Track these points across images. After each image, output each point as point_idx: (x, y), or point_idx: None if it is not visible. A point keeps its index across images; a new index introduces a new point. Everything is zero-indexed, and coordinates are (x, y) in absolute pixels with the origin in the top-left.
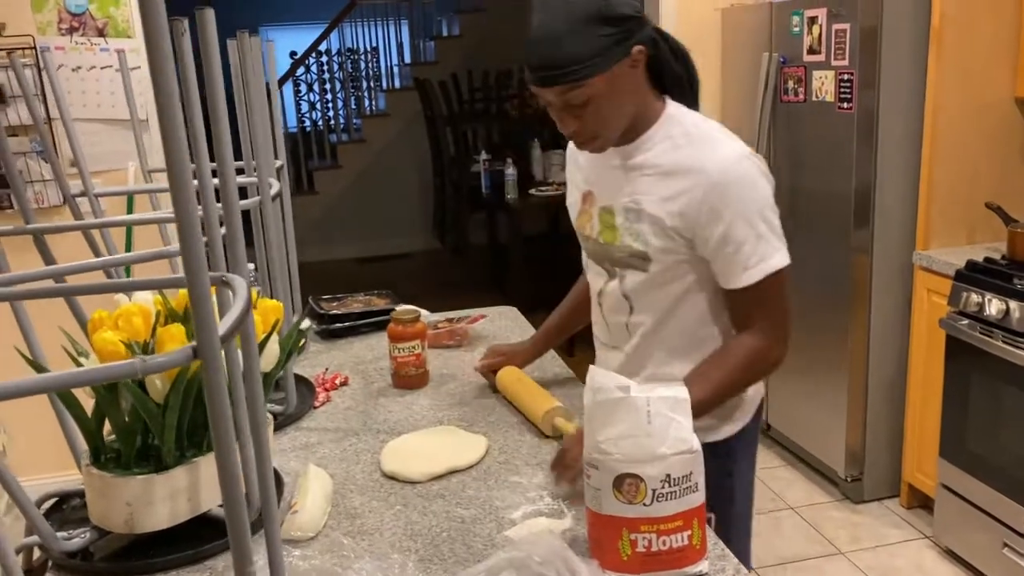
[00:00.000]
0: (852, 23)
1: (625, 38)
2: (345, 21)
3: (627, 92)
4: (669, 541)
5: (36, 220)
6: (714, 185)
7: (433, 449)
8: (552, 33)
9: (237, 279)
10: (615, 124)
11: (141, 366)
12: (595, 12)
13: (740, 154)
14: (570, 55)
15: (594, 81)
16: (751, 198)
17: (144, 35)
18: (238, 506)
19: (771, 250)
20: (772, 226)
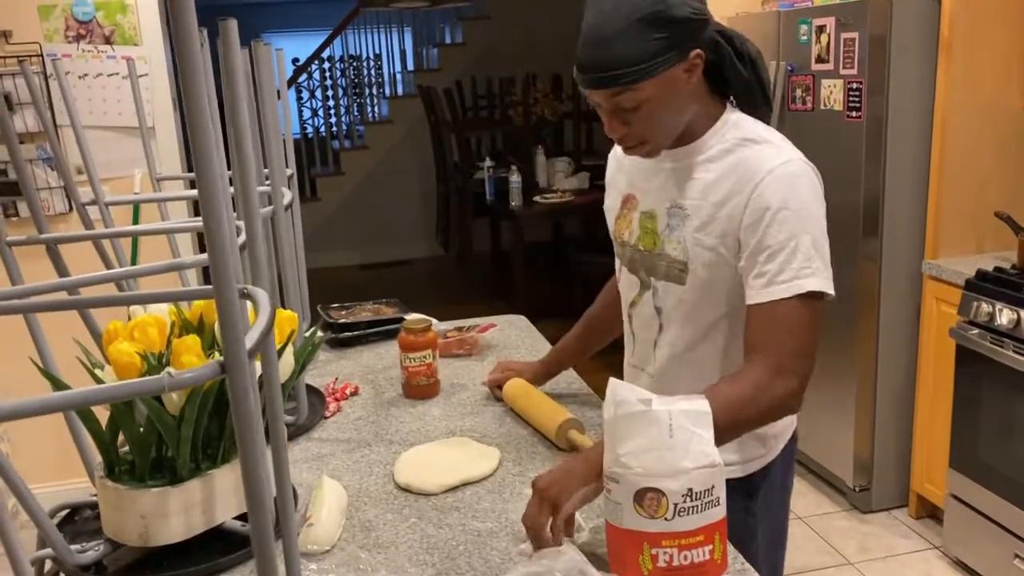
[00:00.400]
0: (861, 32)
1: (682, 41)
2: (348, 28)
3: (681, 97)
4: (691, 556)
5: (49, 229)
6: (764, 184)
7: (447, 461)
8: (603, 33)
9: (259, 292)
10: (666, 130)
11: (169, 381)
12: (650, 13)
13: (798, 159)
14: (621, 57)
15: (645, 85)
16: (801, 207)
17: (176, 44)
18: (264, 521)
19: (809, 271)
20: (818, 245)
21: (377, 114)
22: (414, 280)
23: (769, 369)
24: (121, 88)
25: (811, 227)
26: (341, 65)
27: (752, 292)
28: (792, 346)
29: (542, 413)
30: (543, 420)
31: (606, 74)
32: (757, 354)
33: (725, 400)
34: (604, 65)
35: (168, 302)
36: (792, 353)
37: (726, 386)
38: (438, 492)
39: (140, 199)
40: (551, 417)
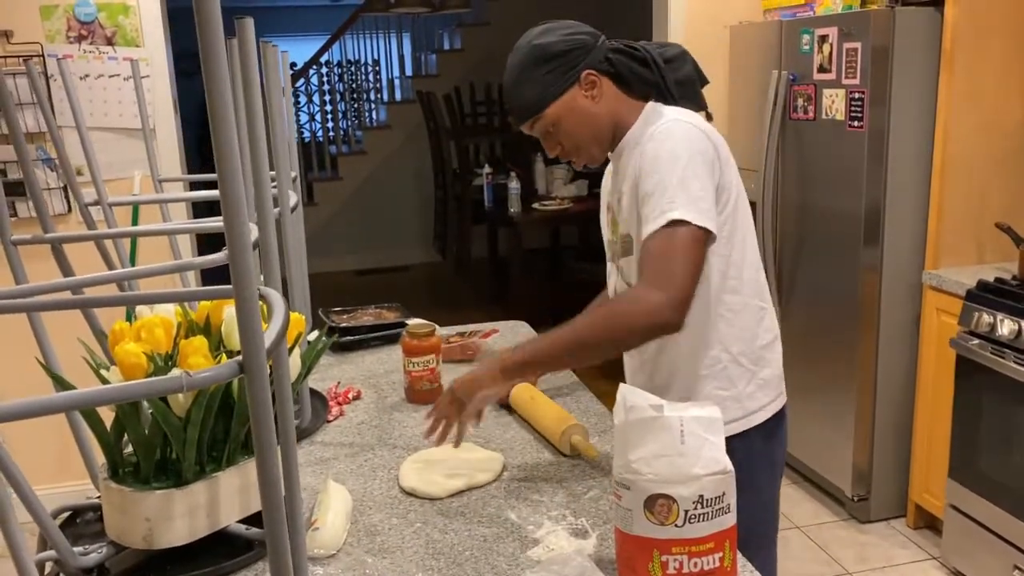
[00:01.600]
0: (863, 42)
1: (569, 68)
2: (347, 33)
3: (590, 110)
4: (700, 563)
5: (53, 229)
6: (644, 147)
7: (451, 465)
8: (509, 82)
9: (273, 293)
10: (588, 139)
11: (188, 381)
12: (534, 58)
13: (672, 118)
14: (522, 96)
15: (547, 112)
16: (668, 155)
17: (200, 47)
18: (279, 522)
19: (674, 204)
20: (684, 183)
21: (375, 119)
22: (412, 286)
23: (640, 288)
24: (122, 89)
25: (677, 169)
26: (339, 70)
27: (643, 232)
28: (660, 267)
29: (547, 417)
30: (549, 425)
31: (515, 113)
32: (641, 276)
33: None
34: (513, 106)
35: (181, 302)
36: (659, 272)
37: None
38: (443, 496)
39: (145, 200)
40: (556, 422)
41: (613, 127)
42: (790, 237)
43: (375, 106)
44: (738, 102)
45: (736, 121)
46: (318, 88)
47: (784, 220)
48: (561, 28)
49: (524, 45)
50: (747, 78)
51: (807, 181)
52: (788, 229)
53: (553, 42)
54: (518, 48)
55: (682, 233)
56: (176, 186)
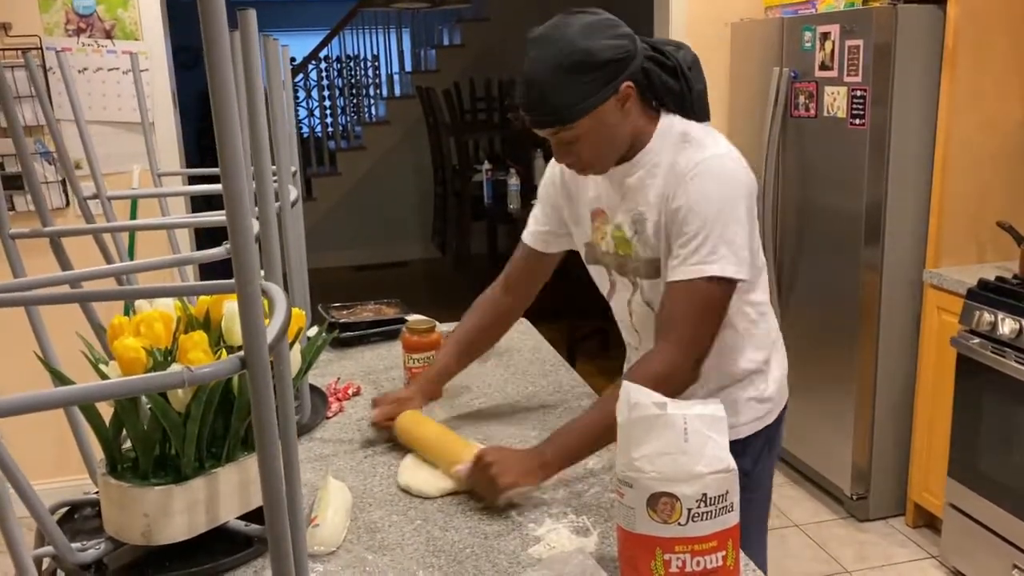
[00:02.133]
0: (866, 39)
1: (610, 79)
2: (346, 28)
3: (617, 124)
4: (703, 562)
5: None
6: (685, 182)
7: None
8: (539, 80)
9: (274, 288)
10: (608, 154)
11: (189, 376)
12: (578, 61)
13: (716, 153)
14: (555, 102)
15: (581, 122)
16: (715, 193)
17: (204, 37)
18: (281, 522)
19: (716, 257)
20: (727, 232)
21: (375, 115)
22: (410, 282)
23: (667, 361)
24: (120, 83)
25: (723, 217)
26: (338, 65)
27: (668, 271)
28: (688, 327)
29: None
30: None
31: (544, 116)
32: (661, 336)
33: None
34: (541, 109)
35: (181, 296)
36: (691, 340)
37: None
38: (436, 496)
39: (144, 193)
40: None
41: (631, 140)
42: (791, 235)
43: (374, 102)
44: (739, 100)
45: (737, 119)
46: (317, 83)
47: (785, 218)
48: (605, 28)
49: (562, 42)
50: (748, 75)
51: (808, 179)
52: (789, 227)
53: (600, 48)
54: (553, 42)
55: (717, 290)
56: (175, 181)
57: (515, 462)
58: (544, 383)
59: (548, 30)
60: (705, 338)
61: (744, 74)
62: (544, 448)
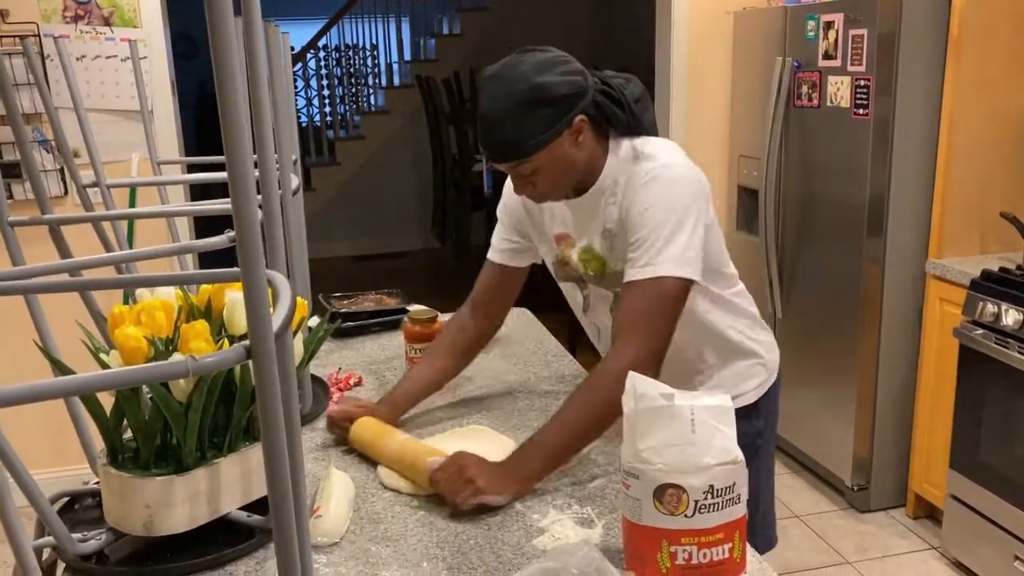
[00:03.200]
0: (870, 28)
1: (564, 113)
2: (345, 17)
3: (572, 155)
4: (710, 554)
5: (51, 211)
6: (637, 191)
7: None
8: (494, 118)
9: (279, 277)
10: (564, 183)
11: (193, 365)
12: (531, 98)
13: (666, 163)
14: (511, 138)
15: (537, 156)
16: (663, 199)
17: (209, 23)
18: (286, 512)
19: (663, 258)
20: (676, 235)
21: (374, 104)
22: (410, 272)
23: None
24: (119, 71)
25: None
26: (337, 54)
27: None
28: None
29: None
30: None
31: (501, 151)
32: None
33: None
34: (498, 144)
35: (182, 285)
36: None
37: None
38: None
39: (144, 182)
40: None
41: (584, 171)
42: (793, 225)
43: (373, 91)
44: (741, 89)
45: (739, 108)
46: (316, 72)
47: (787, 208)
48: (557, 64)
49: (517, 79)
50: (751, 65)
51: (811, 169)
52: (791, 217)
53: (553, 84)
54: (507, 80)
55: (667, 287)
56: (174, 169)
57: (490, 470)
58: (547, 373)
59: (502, 68)
60: (661, 335)
61: (746, 64)
62: (518, 461)
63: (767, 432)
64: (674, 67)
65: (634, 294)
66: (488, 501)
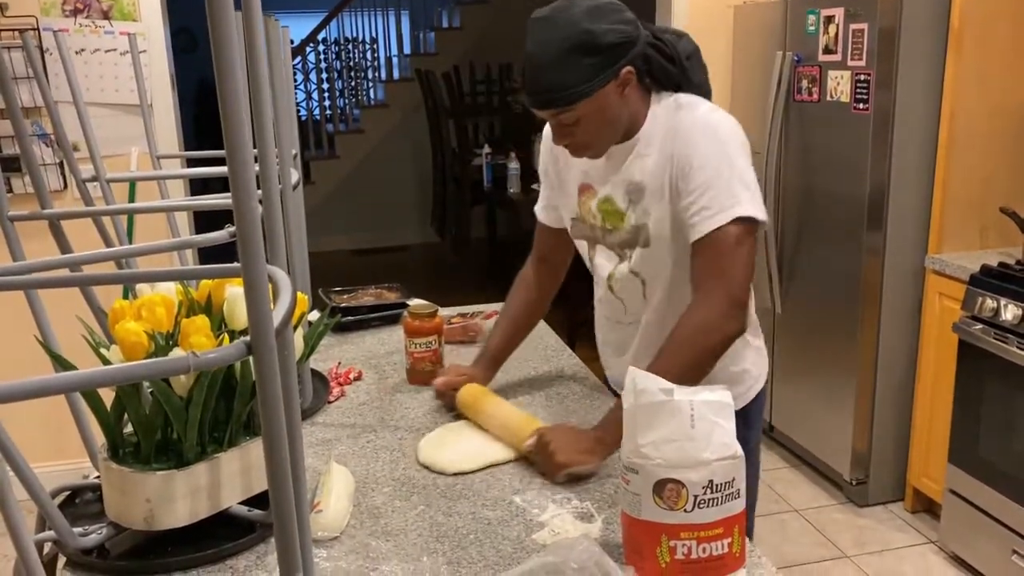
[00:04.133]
0: (870, 23)
1: (611, 63)
2: (344, 10)
3: (616, 108)
4: (709, 549)
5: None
6: (683, 139)
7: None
8: (540, 62)
9: (279, 272)
10: (607, 137)
11: (194, 361)
12: (579, 44)
13: (708, 108)
14: (556, 83)
15: (580, 105)
16: (716, 145)
17: (209, 18)
18: (287, 507)
19: (734, 200)
20: (742, 176)
21: (373, 98)
22: (409, 266)
23: (708, 311)
24: (118, 65)
25: (737, 162)
26: (337, 48)
27: (692, 230)
28: (729, 276)
29: (511, 422)
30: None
31: (544, 97)
32: (699, 289)
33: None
34: (542, 89)
35: (183, 280)
36: (730, 287)
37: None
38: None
39: (144, 176)
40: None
41: (628, 124)
42: (792, 220)
43: (373, 85)
44: (742, 83)
45: (739, 102)
46: (315, 66)
47: (787, 203)
48: (609, 12)
49: (567, 24)
50: (751, 59)
51: (810, 163)
52: (791, 212)
53: (605, 31)
54: (556, 24)
55: (745, 232)
56: (174, 163)
57: (572, 440)
58: (546, 368)
59: (553, 11)
60: (741, 281)
61: (747, 58)
62: (601, 426)
63: (755, 443)
64: None
65: (708, 245)
66: (575, 472)
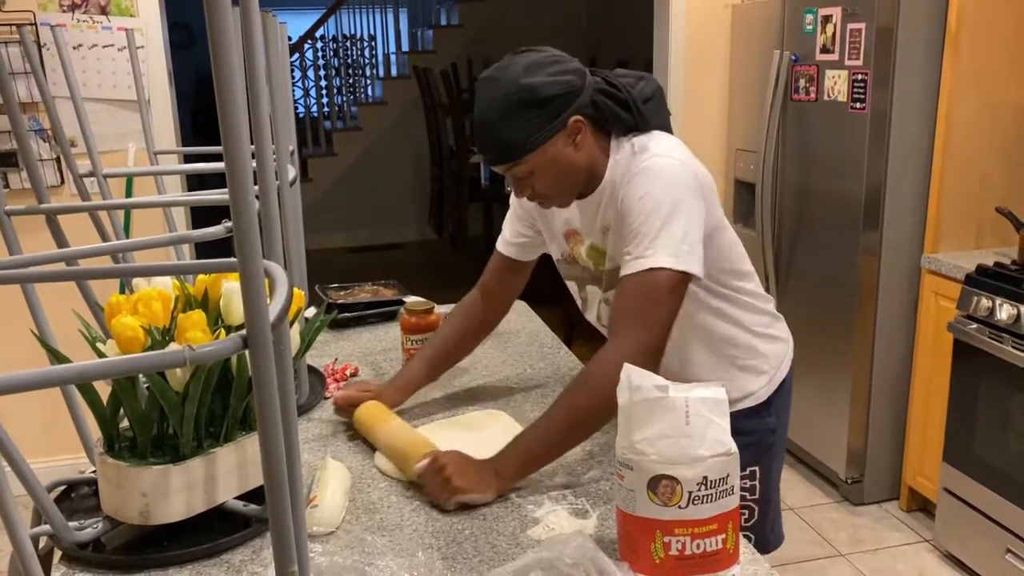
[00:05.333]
0: (868, 23)
1: (556, 114)
2: (343, 7)
3: (570, 157)
4: (703, 545)
5: (48, 201)
6: (628, 185)
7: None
8: (486, 120)
9: (275, 267)
10: (565, 186)
11: (190, 355)
12: (521, 100)
13: (656, 153)
14: (503, 140)
15: (531, 158)
16: (653, 191)
17: (207, 15)
18: (282, 502)
19: (654, 250)
20: (668, 227)
21: (371, 95)
22: (406, 263)
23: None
24: (116, 60)
25: (662, 211)
26: (335, 45)
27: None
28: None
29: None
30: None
31: (494, 154)
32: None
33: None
34: (491, 147)
35: (180, 275)
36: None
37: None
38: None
39: (141, 172)
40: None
41: (588, 172)
42: (789, 219)
43: (371, 82)
44: (739, 82)
45: (737, 101)
46: (313, 63)
47: (784, 202)
48: (549, 65)
49: (507, 81)
50: (748, 58)
51: (807, 163)
52: (788, 211)
53: (544, 83)
54: (498, 82)
55: (660, 280)
56: (171, 159)
57: (471, 469)
58: (542, 365)
59: (495, 70)
60: (654, 328)
61: (744, 57)
62: (502, 458)
63: (782, 429)
64: (672, 59)
65: (625, 287)
66: (468, 500)
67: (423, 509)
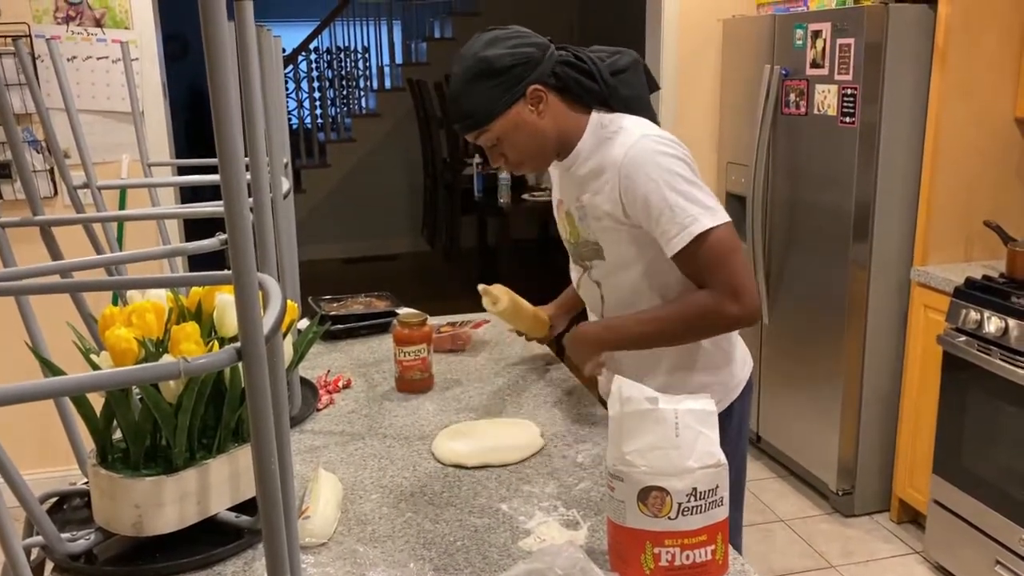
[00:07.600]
0: (857, 38)
1: (513, 84)
2: (337, 19)
3: (534, 124)
4: (693, 556)
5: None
6: (620, 169)
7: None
8: (452, 93)
9: (269, 279)
10: (534, 151)
11: (185, 367)
12: (478, 71)
13: (639, 135)
14: (465, 109)
15: (492, 126)
16: (654, 173)
17: (203, 25)
18: (275, 513)
19: (689, 218)
20: (685, 194)
21: (364, 107)
22: (399, 275)
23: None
24: (110, 72)
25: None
26: (328, 57)
27: (665, 250)
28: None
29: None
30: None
31: (460, 123)
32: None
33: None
34: (457, 117)
35: (174, 287)
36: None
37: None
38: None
39: (135, 183)
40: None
41: (559, 139)
42: (779, 232)
43: (364, 94)
44: (730, 96)
45: (728, 115)
46: (307, 75)
47: (774, 215)
48: (508, 39)
49: (469, 56)
50: (739, 72)
51: (798, 176)
52: (778, 224)
53: (499, 55)
54: (462, 58)
55: (713, 240)
56: (164, 171)
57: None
58: (533, 376)
59: (463, 49)
60: (735, 275)
61: (735, 71)
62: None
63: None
64: (663, 73)
65: (687, 260)
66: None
67: (415, 521)
